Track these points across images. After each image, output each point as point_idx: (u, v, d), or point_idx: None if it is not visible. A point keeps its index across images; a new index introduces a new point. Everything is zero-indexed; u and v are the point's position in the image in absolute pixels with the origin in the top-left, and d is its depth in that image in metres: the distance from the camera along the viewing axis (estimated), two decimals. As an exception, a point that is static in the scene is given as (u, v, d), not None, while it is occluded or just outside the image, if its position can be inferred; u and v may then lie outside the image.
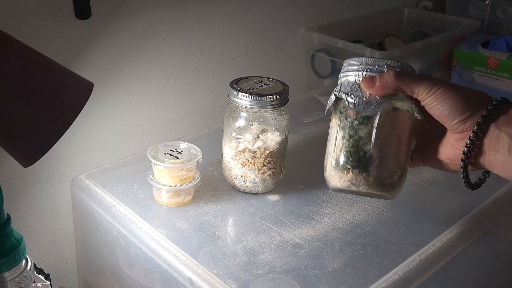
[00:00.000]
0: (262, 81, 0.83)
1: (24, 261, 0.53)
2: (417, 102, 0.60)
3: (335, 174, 0.60)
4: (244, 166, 0.81)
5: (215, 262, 0.69)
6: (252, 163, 0.80)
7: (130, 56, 0.93)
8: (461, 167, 0.59)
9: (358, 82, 0.59)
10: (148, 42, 0.95)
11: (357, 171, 0.58)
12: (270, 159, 0.81)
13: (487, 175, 0.63)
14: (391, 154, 0.58)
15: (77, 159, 0.92)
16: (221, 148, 0.85)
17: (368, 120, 0.58)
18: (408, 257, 0.71)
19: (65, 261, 0.97)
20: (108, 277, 0.86)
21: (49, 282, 0.67)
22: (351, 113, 0.59)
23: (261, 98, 0.78)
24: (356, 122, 0.59)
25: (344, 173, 0.59)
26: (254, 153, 0.80)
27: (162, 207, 0.79)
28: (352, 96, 0.59)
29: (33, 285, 0.56)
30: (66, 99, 0.63)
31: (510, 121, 0.57)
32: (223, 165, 0.84)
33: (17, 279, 0.52)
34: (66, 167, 0.91)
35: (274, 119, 0.80)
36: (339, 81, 0.62)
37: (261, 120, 0.80)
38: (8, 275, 0.51)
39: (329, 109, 0.64)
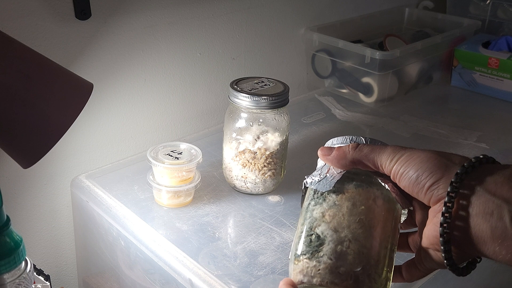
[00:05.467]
0: (263, 82, 0.83)
1: (23, 262, 0.53)
2: (392, 183, 0.50)
3: (289, 267, 0.50)
4: (245, 167, 0.80)
5: (216, 263, 0.69)
6: (253, 164, 0.80)
7: (130, 56, 0.93)
8: (441, 245, 0.46)
9: (323, 164, 0.53)
10: (148, 42, 0.94)
11: (306, 257, 0.47)
12: (271, 160, 0.80)
13: (479, 259, 0.50)
14: (350, 236, 0.47)
15: (77, 159, 0.92)
16: (221, 149, 0.84)
17: (324, 199, 0.50)
18: (409, 259, 0.70)
19: (65, 262, 0.97)
20: (108, 278, 0.85)
21: (49, 283, 0.66)
22: (308, 194, 0.52)
23: (262, 99, 0.78)
24: (312, 202, 0.51)
25: (295, 263, 0.48)
26: (254, 154, 0.80)
27: (162, 208, 0.79)
28: (312, 175, 0.52)
29: (33, 286, 0.56)
30: (65, 100, 0.63)
31: (506, 182, 0.44)
32: (224, 166, 0.84)
33: (17, 280, 0.52)
34: (66, 168, 0.91)
35: (274, 120, 0.80)
36: None
37: (261, 120, 0.80)
38: (7, 277, 0.51)
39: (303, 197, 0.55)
